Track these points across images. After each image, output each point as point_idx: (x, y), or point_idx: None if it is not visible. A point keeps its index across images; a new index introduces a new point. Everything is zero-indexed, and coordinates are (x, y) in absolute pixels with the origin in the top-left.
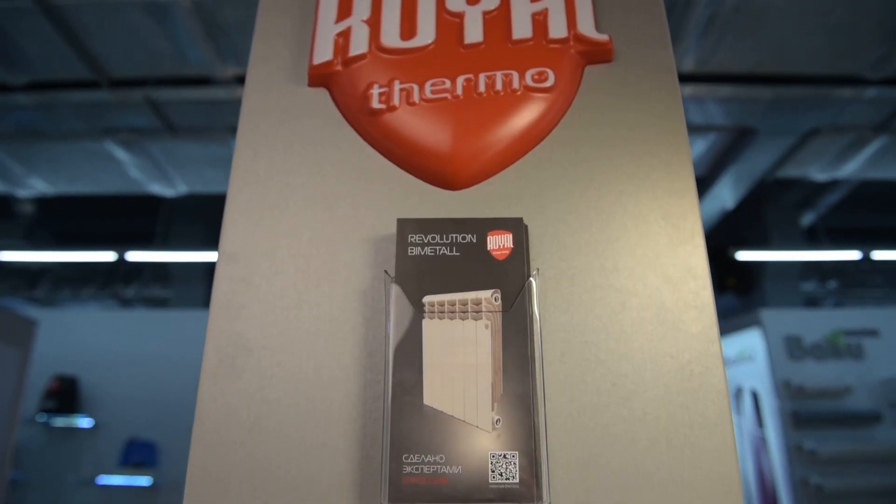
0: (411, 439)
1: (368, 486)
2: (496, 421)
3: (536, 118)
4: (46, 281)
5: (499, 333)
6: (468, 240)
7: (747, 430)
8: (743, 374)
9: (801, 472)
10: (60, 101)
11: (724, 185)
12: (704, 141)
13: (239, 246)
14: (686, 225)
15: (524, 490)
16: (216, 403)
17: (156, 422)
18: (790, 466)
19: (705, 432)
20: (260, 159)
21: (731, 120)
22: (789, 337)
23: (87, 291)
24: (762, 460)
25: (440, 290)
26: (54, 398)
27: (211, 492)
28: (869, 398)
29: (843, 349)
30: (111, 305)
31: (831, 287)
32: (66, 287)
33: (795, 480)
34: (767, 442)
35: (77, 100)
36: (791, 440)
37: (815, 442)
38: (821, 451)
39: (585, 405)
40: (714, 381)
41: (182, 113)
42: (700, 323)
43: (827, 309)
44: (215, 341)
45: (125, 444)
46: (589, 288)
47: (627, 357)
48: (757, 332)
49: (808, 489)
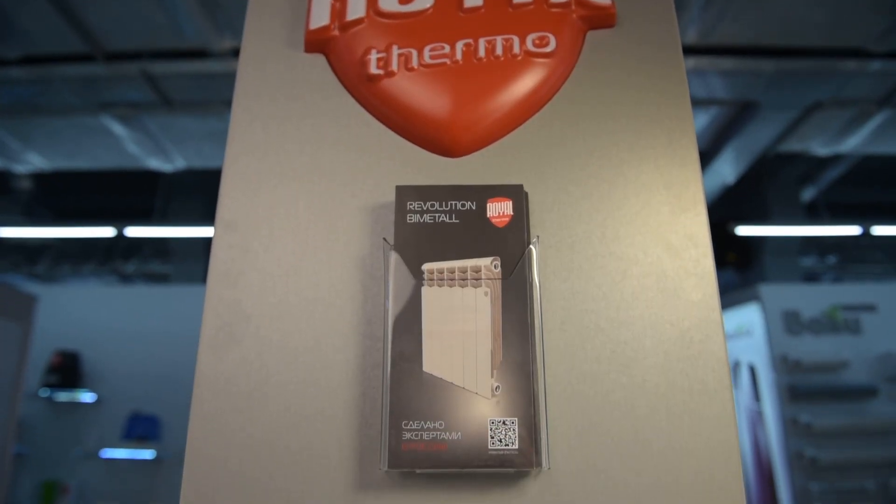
0: (410, 406)
1: (368, 452)
2: (496, 388)
3: (537, 84)
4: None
5: (498, 301)
6: (468, 207)
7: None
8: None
9: (797, 444)
10: (55, 75)
11: (724, 159)
12: (706, 115)
13: (236, 214)
14: (688, 194)
15: (523, 456)
16: (215, 371)
17: (158, 396)
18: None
19: (705, 399)
20: (256, 125)
21: (733, 93)
22: (787, 312)
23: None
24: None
25: (439, 258)
26: (56, 373)
27: (210, 458)
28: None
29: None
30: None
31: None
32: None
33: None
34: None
35: (72, 73)
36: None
37: (811, 415)
38: (816, 425)
39: (585, 372)
40: (714, 349)
41: (179, 87)
42: (701, 291)
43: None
44: (214, 309)
45: (128, 418)
46: (589, 256)
47: (627, 325)
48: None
49: (802, 462)
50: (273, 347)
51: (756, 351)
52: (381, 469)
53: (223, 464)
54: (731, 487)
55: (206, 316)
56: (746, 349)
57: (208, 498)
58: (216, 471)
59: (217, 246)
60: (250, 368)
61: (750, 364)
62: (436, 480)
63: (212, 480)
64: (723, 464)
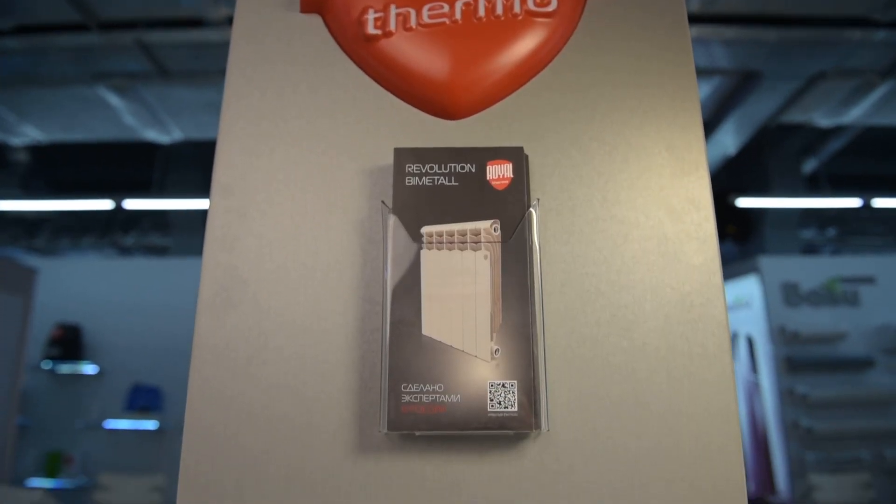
0: (410, 369)
1: (367, 415)
2: (495, 351)
3: (538, 45)
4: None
5: (498, 264)
6: (467, 169)
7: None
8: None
9: (793, 415)
10: (49, 46)
11: (726, 130)
12: (708, 85)
13: (233, 177)
14: (690, 157)
15: (523, 419)
16: (214, 336)
17: (159, 368)
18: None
19: (705, 363)
20: (253, 87)
21: (736, 63)
22: (786, 284)
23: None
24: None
25: (439, 221)
26: (58, 346)
27: (210, 422)
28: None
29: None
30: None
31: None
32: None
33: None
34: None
35: (66, 43)
36: (784, 384)
37: (808, 386)
38: (812, 395)
39: (585, 336)
40: (714, 313)
41: (174, 57)
42: (702, 255)
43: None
44: (211, 274)
45: (130, 389)
46: (590, 219)
47: (628, 288)
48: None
49: (798, 431)
50: (271, 312)
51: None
52: (380, 431)
53: (223, 428)
54: (729, 450)
55: (203, 281)
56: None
57: (208, 461)
58: (216, 435)
59: (214, 210)
60: (249, 333)
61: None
62: (435, 443)
63: (211, 444)
64: (722, 426)
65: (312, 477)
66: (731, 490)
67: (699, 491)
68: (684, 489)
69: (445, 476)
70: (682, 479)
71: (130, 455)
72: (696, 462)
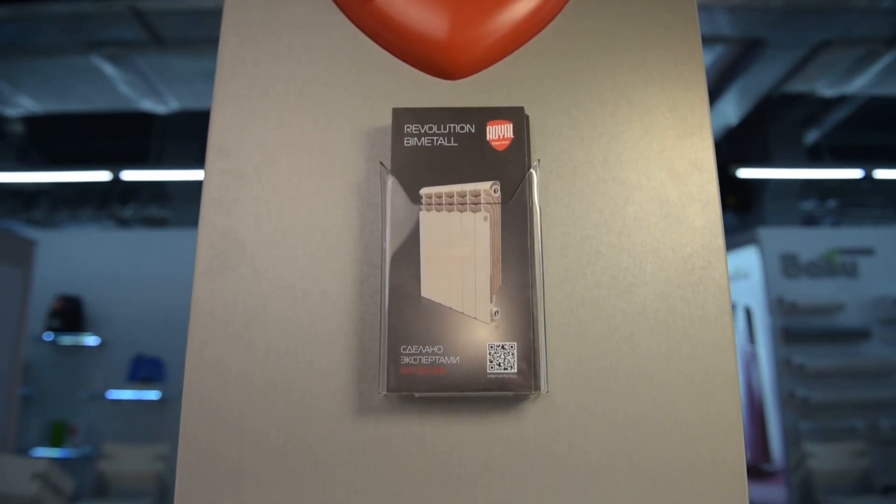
0: (409, 331)
1: (367, 377)
2: (495, 313)
3: (539, 4)
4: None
5: (498, 225)
6: (466, 130)
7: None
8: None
9: (789, 384)
10: (41, 14)
11: (728, 100)
12: (711, 53)
13: (228, 139)
14: (694, 117)
15: (522, 380)
16: (212, 298)
17: (161, 339)
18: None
19: (704, 325)
20: (247, 47)
21: (740, 31)
22: (785, 255)
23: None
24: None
25: (438, 182)
26: (59, 317)
27: (209, 385)
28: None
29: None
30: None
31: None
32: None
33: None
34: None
35: (58, 11)
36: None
37: (804, 357)
38: (809, 366)
39: (584, 298)
40: (715, 276)
41: (170, 24)
42: (704, 217)
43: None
44: (208, 237)
45: (132, 360)
46: (591, 181)
47: (628, 250)
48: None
49: (794, 401)
50: (269, 275)
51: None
52: (380, 393)
53: (222, 390)
54: (728, 412)
55: (200, 245)
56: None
57: (207, 423)
58: (215, 397)
59: (209, 172)
60: (247, 296)
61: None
62: (435, 404)
63: (211, 405)
64: (721, 388)
65: (312, 439)
66: (729, 450)
67: (698, 451)
68: (683, 449)
69: (445, 437)
70: (680, 439)
71: (134, 425)
72: (695, 423)
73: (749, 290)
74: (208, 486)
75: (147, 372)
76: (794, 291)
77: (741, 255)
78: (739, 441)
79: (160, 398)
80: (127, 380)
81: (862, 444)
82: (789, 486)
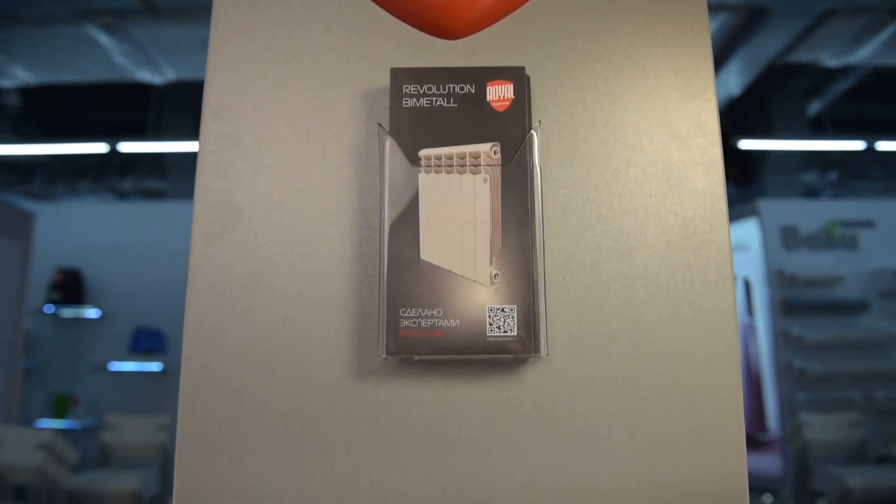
0: (408, 294)
1: (366, 339)
2: (494, 275)
3: None
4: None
5: (498, 188)
6: (466, 90)
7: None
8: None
9: (786, 356)
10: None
11: (731, 70)
12: (714, 21)
13: (224, 101)
14: (698, 79)
15: (522, 343)
16: (209, 262)
17: (161, 311)
18: (776, 351)
19: (705, 289)
20: (242, 7)
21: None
22: (785, 227)
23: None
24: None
25: (437, 144)
26: (59, 290)
27: (207, 349)
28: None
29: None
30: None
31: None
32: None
33: (780, 364)
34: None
35: None
36: (779, 327)
37: (802, 328)
38: (807, 337)
39: (585, 261)
40: (717, 239)
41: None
42: (707, 180)
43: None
44: (204, 201)
45: (133, 332)
46: (593, 143)
47: (630, 213)
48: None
49: (791, 372)
50: (267, 239)
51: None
52: (379, 356)
53: (220, 354)
54: (728, 376)
55: (196, 208)
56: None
57: (206, 387)
58: (214, 361)
59: (205, 136)
60: (245, 259)
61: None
62: (434, 367)
63: (209, 369)
64: (721, 352)
65: (311, 403)
66: (728, 414)
67: (697, 413)
68: (682, 412)
69: (444, 401)
70: (680, 403)
71: (136, 396)
72: (695, 387)
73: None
74: (208, 451)
75: (148, 344)
76: (794, 263)
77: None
78: (739, 405)
79: (162, 370)
80: (128, 352)
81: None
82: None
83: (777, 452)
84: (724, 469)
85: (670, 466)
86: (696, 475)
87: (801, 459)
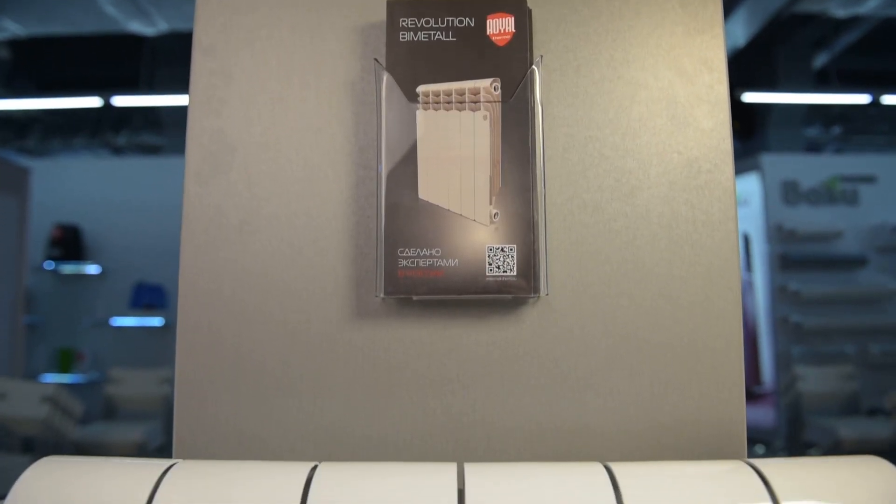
0: (406, 233)
1: (364, 280)
2: (494, 215)
3: None
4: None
5: (498, 125)
6: (465, 23)
7: None
8: None
9: (783, 310)
10: None
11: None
12: None
13: (215, 37)
14: (706, 13)
15: (521, 282)
16: (203, 203)
17: (161, 266)
18: (773, 305)
19: (708, 230)
20: None
21: None
22: (786, 182)
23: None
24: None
25: (435, 79)
26: (59, 246)
27: (204, 292)
28: (858, 243)
29: (839, 195)
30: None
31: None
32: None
33: (776, 318)
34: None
35: None
36: (777, 281)
37: (800, 283)
38: (804, 292)
39: (586, 201)
40: (721, 179)
41: None
42: (713, 119)
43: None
44: (197, 140)
45: (134, 287)
46: (596, 80)
47: (633, 153)
48: (755, 176)
49: (787, 326)
50: (262, 178)
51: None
52: (377, 296)
53: (217, 293)
54: (729, 315)
55: (188, 147)
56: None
57: (203, 332)
58: (210, 300)
59: (196, 72)
60: (239, 199)
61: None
62: (433, 307)
63: (207, 308)
64: (723, 291)
65: (309, 342)
66: (728, 352)
67: (697, 354)
68: (682, 354)
69: (443, 340)
70: (680, 344)
71: (139, 351)
72: (695, 327)
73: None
74: (206, 395)
75: (149, 299)
76: (794, 219)
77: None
78: (739, 347)
79: (163, 324)
80: (129, 307)
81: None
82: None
83: (771, 405)
84: (723, 413)
85: (669, 409)
86: (695, 418)
87: (795, 411)
